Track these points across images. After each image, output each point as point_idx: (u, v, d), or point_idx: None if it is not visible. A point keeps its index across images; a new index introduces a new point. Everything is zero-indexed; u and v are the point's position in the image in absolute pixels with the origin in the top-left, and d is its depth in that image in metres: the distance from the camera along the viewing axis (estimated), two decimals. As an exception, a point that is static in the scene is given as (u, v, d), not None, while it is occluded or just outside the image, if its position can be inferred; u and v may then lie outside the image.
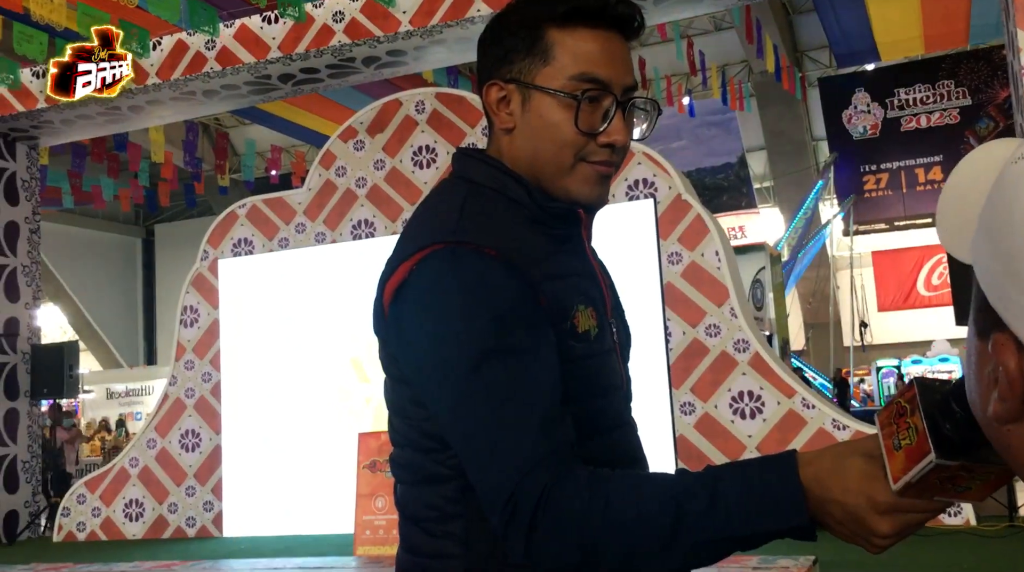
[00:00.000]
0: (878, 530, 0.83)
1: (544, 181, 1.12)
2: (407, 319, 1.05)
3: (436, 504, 1.08)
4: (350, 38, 7.46)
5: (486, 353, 0.98)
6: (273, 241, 8.10)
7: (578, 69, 1.08)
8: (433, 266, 1.02)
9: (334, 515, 7.10)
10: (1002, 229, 0.45)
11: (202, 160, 15.06)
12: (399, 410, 1.12)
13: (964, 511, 5.92)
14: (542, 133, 1.10)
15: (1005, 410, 0.47)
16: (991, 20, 10.91)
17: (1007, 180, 0.46)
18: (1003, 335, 0.46)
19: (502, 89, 1.12)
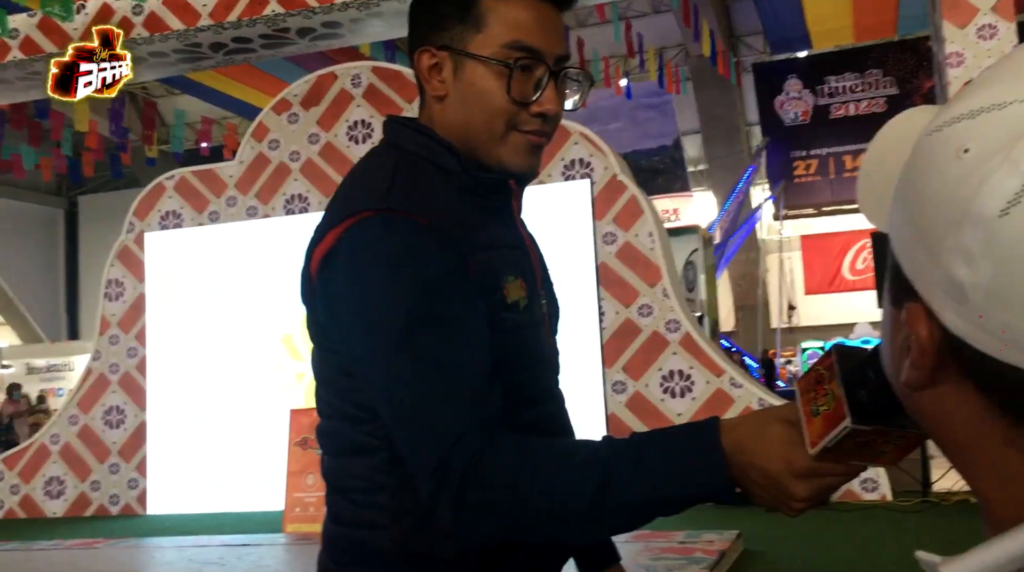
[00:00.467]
0: (796, 493, 0.85)
1: (476, 149, 1.11)
2: (335, 287, 1.04)
3: (364, 475, 1.07)
4: (284, 8, 7.31)
5: (415, 322, 0.97)
6: (203, 214, 7.92)
7: (511, 37, 1.08)
8: (363, 234, 1.01)
9: (263, 493, 7.02)
10: (915, 200, 0.46)
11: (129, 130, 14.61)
12: (327, 380, 1.11)
13: (880, 487, 6.14)
14: (474, 101, 1.09)
15: (917, 377, 0.48)
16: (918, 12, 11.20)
17: (921, 151, 0.47)
18: (915, 304, 0.47)
19: (434, 56, 1.10)
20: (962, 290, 0.44)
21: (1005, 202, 0.41)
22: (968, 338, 0.44)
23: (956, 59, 5.38)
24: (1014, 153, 0.41)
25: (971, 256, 0.43)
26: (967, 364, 0.45)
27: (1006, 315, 0.42)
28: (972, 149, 0.43)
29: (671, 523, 5.56)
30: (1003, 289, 0.42)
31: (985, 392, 0.46)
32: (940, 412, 0.48)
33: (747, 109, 17.92)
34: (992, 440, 0.46)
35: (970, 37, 5.37)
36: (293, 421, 6.27)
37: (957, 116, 0.45)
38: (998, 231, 0.42)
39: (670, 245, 7.20)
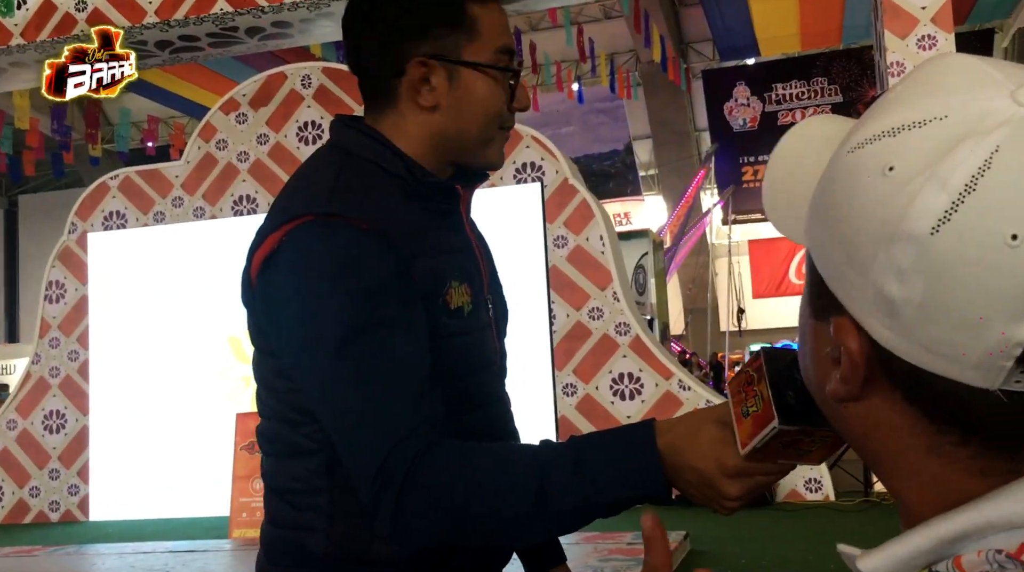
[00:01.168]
0: (728, 493, 0.88)
1: (461, 153, 1.11)
2: (275, 291, 1.03)
3: (302, 477, 1.07)
4: (232, 7, 7.21)
5: (355, 327, 0.97)
6: (148, 215, 7.77)
7: (500, 42, 1.09)
8: (303, 238, 1.00)
9: (209, 498, 6.91)
10: (840, 218, 0.47)
11: (72, 128, 14.29)
12: (266, 382, 1.11)
13: (824, 487, 6.25)
14: (473, 109, 1.08)
15: (847, 390, 0.49)
16: (862, 21, 11.46)
17: (842, 169, 0.47)
18: (843, 318, 0.48)
19: (424, 66, 1.07)
20: (893, 305, 0.45)
21: (936, 220, 0.42)
22: (898, 351, 0.46)
23: (897, 68, 5.51)
24: (940, 171, 0.42)
25: (903, 272, 0.44)
26: (896, 376, 0.47)
27: (936, 328, 0.44)
28: (897, 167, 0.44)
29: (618, 524, 5.60)
30: (934, 304, 0.43)
31: (913, 402, 0.47)
32: (867, 422, 0.50)
33: (697, 115, 18.15)
34: (917, 449, 0.47)
35: (911, 47, 5.51)
36: (239, 425, 6.18)
37: (877, 134, 0.46)
38: (930, 248, 0.43)
39: (621, 249, 7.25)
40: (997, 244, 0.41)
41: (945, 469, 0.47)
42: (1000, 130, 0.42)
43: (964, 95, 0.44)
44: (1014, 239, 0.41)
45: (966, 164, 0.42)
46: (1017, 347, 0.42)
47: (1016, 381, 0.43)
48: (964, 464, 0.46)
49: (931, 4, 5.51)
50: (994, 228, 0.41)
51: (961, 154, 0.42)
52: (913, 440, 0.47)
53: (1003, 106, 0.43)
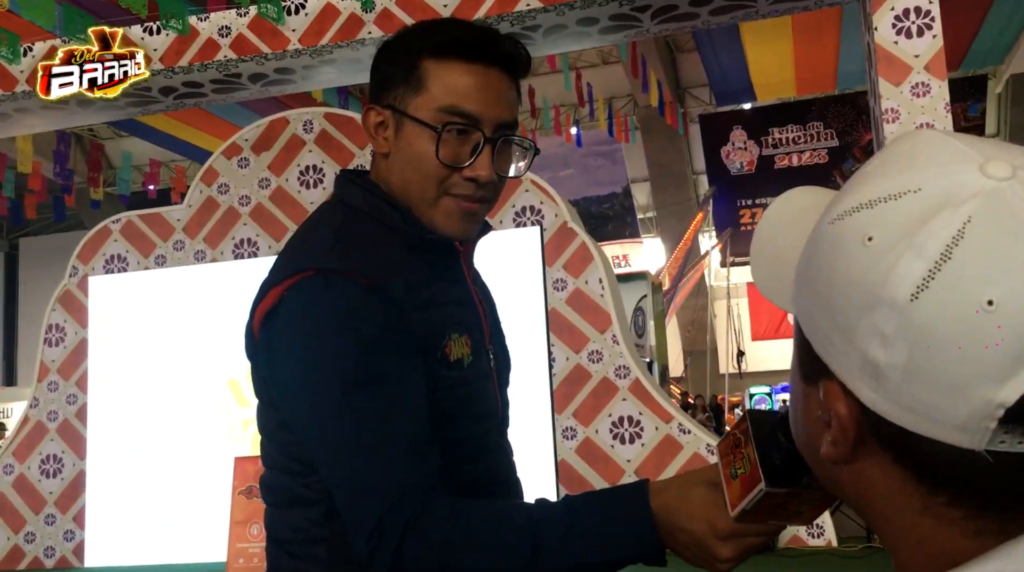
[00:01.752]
0: (720, 555, 0.89)
1: (413, 209, 1.13)
2: (276, 345, 1.05)
3: (301, 527, 1.08)
4: (236, 54, 7.31)
5: (354, 382, 0.99)
6: (149, 258, 7.80)
7: (447, 102, 1.09)
8: (303, 293, 1.02)
9: (206, 543, 6.84)
10: (824, 286, 0.49)
11: (74, 172, 14.39)
12: (268, 432, 1.13)
13: (826, 533, 6.20)
14: (411, 162, 1.11)
15: (838, 453, 0.50)
16: (857, 68, 11.61)
17: (824, 239, 0.49)
18: (831, 383, 0.49)
19: (379, 114, 1.14)
20: (878, 369, 0.46)
21: (915, 287, 0.44)
22: (885, 414, 0.47)
23: (892, 115, 5.59)
24: (917, 240, 0.44)
25: (886, 338, 0.45)
26: (885, 438, 0.48)
27: (921, 391, 0.45)
28: (875, 237, 0.46)
29: None
30: (918, 368, 0.45)
31: (902, 464, 0.48)
32: (859, 484, 0.51)
33: (694, 158, 18.29)
34: (910, 509, 0.48)
35: (904, 94, 5.59)
36: (238, 469, 6.14)
37: (856, 206, 0.48)
38: (910, 314, 0.44)
39: (620, 291, 7.27)
40: (974, 309, 0.43)
41: (939, 529, 0.47)
42: (972, 201, 0.44)
43: (936, 169, 0.46)
44: (990, 305, 0.42)
45: (941, 234, 0.44)
46: (999, 409, 0.43)
47: (1001, 441, 0.44)
48: (958, 524, 0.47)
49: (924, 52, 5.60)
50: (970, 294, 0.43)
51: (936, 224, 0.44)
52: (905, 501, 0.48)
53: (973, 179, 0.45)
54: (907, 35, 5.61)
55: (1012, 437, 0.44)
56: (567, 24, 6.88)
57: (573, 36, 7.17)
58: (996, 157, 0.46)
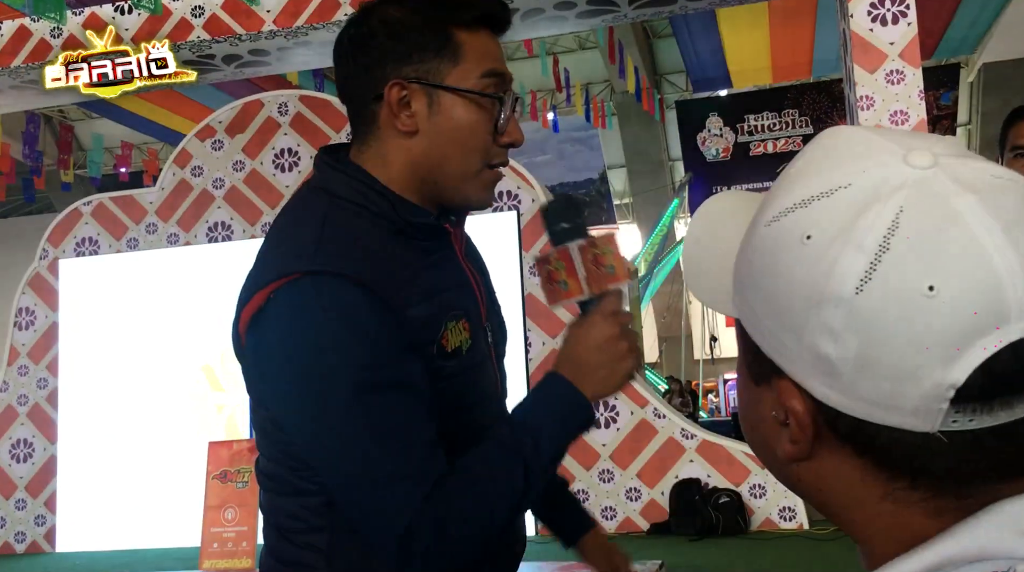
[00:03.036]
0: (609, 332, 1.05)
1: (444, 187, 1.09)
2: (266, 350, 1.02)
3: (301, 515, 1.07)
4: (210, 34, 7.22)
5: (356, 386, 0.97)
6: (121, 241, 7.71)
7: (487, 66, 1.07)
8: (293, 297, 0.98)
9: (180, 528, 6.80)
10: (769, 287, 0.50)
11: (43, 153, 14.17)
12: (262, 429, 1.10)
13: (798, 515, 6.28)
14: (452, 136, 1.06)
15: (798, 450, 0.51)
16: (832, 55, 11.68)
17: (762, 243, 0.50)
18: (784, 381, 0.50)
19: (404, 89, 1.06)
20: (831, 364, 0.47)
21: (858, 280, 0.45)
22: (841, 407, 0.48)
23: (867, 102, 5.62)
24: (854, 235, 0.46)
25: (835, 333, 0.46)
26: (842, 431, 0.49)
27: (874, 382, 0.46)
28: (813, 235, 0.47)
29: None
30: (868, 359, 0.46)
31: (862, 454, 0.49)
32: (820, 479, 0.52)
33: (670, 145, 18.33)
34: (871, 498, 0.50)
35: (879, 81, 5.62)
36: (212, 454, 6.10)
37: (790, 207, 0.49)
38: (857, 307, 0.46)
39: (595, 277, 7.28)
40: (916, 296, 0.44)
41: (900, 514, 0.49)
42: (900, 192, 0.46)
43: (862, 163, 0.48)
44: (931, 290, 0.44)
45: (877, 226, 0.45)
46: (950, 389, 0.45)
47: (953, 421, 0.45)
48: (917, 507, 0.48)
49: (899, 40, 5.63)
50: (911, 282, 0.44)
51: (870, 218, 0.46)
52: (866, 490, 0.50)
53: (899, 170, 0.47)
54: (882, 23, 5.65)
55: (963, 416, 0.45)
56: (544, 8, 6.86)
57: (550, 20, 7.14)
58: (917, 147, 0.48)
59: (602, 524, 6.55)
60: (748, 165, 17.00)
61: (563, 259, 1.05)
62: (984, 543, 0.45)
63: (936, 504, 0.48)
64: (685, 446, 6.51)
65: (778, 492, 6.29)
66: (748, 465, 6.41)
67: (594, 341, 1.05)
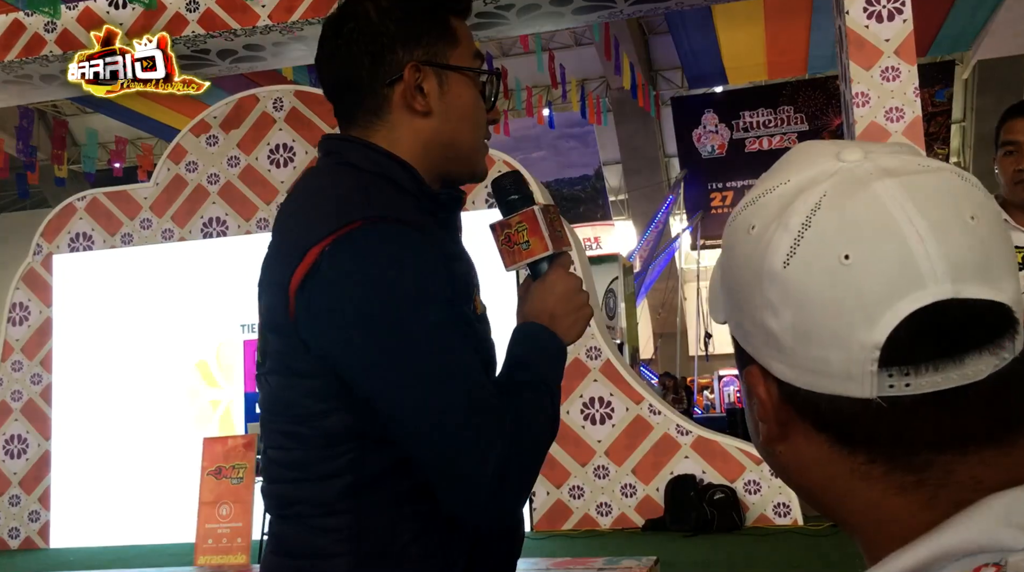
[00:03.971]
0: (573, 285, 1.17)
1: (453, 162, 1.16)
2: (331, 305, 1.00)
3: (326, 500, 1.05)
4: (205, 29, 7.20)
5: (436, 325, 1.00)
6: (115, 237, 7.69)
7: (474, 49, 1.17)
8: (356, 244, 0.99)
9: (174, 524, 6.80)
10: (728, 278, 0.56)
11: (37, 148, 14.12)
12: (290, 407, 1.07)
13: (792, 511, 6.29)
14: (464, 112, 1.15)
15: (768, 431, 0.55)
16: (827, 52, 11.68)
17: (726, 242, 0.57)
18: (752, 367, 0.55)
19: (420, 70, 1.11)
20: (776, 338, 0.52)
21: (785, 255, 0.50)
22: (791, 380, 0.52)
23: (862, 99, 5.63)
24: (782, 219, 0.51)
25: (774, 306, 0.51)
26: (799, 406, 0.52)
27: (811, 349, 0.50)
28: (756, 225, 0.53)
29: (592, 550, 5.59)
30: (803, 328, 0.50)
31: (821, 429, 0.52)
32: (796, 461, 0.55)
33: (666, 141, 18.34)
34: (842, 476, 0.52)
35: (875, 78, 5.63)
36: (206, 450, 6.10)
37: (743, 206, 0.56)
38: (786, 279, 0.50)
39: (591, 273, 7.29)
40: (833, 265, 0.49)
41: (869, 491, 0.51)
42: (828, 181, 0.52)
43: (803, 164, 0.54)
44: (847, 258, 0.48)
45: (801, 208, 0.51)
46: (874, 350, 0.48)
47: (890, 386, 0.48)
48: (881, 482, 0.50)
49: (894, 36, 5.64)
50: (829, 253, 0.49)
51: (798, 202, 0.51)
52: (834, 468, 0.52)
53: (830, 165, 0.53)
54: (878, 19, 5.65)
55: (896, 380, 0.48)
56: (540, 4, 6.85)
57: (547, 16, 7.13)
58: (852, 147, 0.54)
59: (598, 521, 6.57)
60: (744, 161, 17.02)
61: (526, 221, 1.16)
62: (976, 536, 0.46)
63: (899, 480, 0.49)
64: (680, 442, 6.51)
65: (773, 488, 6.31)
66: (743, 461, 6.42)
67: (561, 292, 1.15)
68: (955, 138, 17.08)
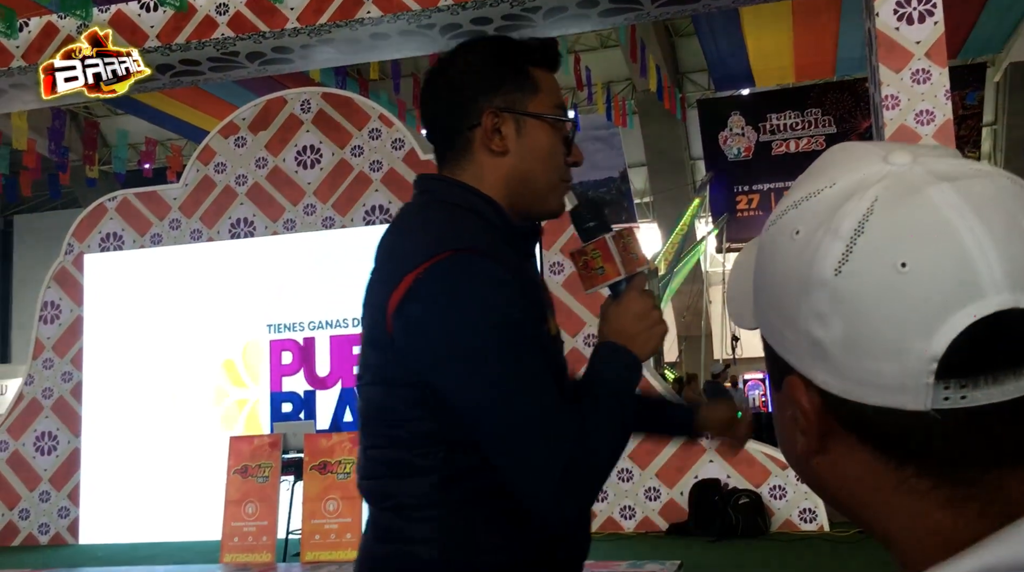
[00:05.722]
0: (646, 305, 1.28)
1: (531, 198, 1.32)
2: (420, 324, 1.16)
3: (417, 493, 1.20)
4: (234, 32, 7.27)
5: (512, 343, 1.14)
6: (145, 237, 7.78)
7: (557, 100, 1.33)
8: (445, 272, 1.15)
9: (201, 522, 6.86)
10: (769, 283, 0.54)
11: (69, 149, 14.32)
12: (387, 413, 1.23)
13: (818, 517, 6.24)
14: (538, 154, 1.30)
15: (808, 444, 0.53)
16: (856, 54, 11.58)
17: (765, 246, 0.55)
18: (793, 377, 0.53)
19: (496, 116, 1.28)
20: (823, 348, 0.50)
21: (836, 263, 0.48)
22: (838, 391, 0.50)
23: (892, 101, 5.57)
24: (832, 224, 0.49)
25: (823, 316, 0.49)
26: (844, 418, 0.50)
27: (862, 361, 0.48)
28: (801, 230, 0.51)
29: (615, 553, 5.57)
30: (854, 338, 0.48)
31: (867, 441, 0.50)
32: (836, 474, 0.53)
33: (692, 144, 18.25)
34: (885, 489, 0.50)
35: (905, 81, 5.57)
36: (233, 449, 6.15)
37: (785, 209, 0.53)
38: (837, 288, 0.48)
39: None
40: (890, 273, 0.47)
41: (915, 505, 0.49)
42: (878, 184, 0.50)
43: (848, 166, 0.52)
44: (903, 266, 0.46)
45: (853, 214, 0.49)
46: (932, 362, 0.46)
47: (945, 398, 0.46)
48: (930, 496, 0.49)
49: (925, 38, 5.58)
50: (885, 260, 0.47)
51: (848, 207, 0.49)
52: (878, 481, 0.50)
53: (878, 168, 0.51)
54: (908, 21, 5.59)
55: (953, 392, 0.46)
56: (567, 6, 6.84)
57: (573, 18, 7.12)
58: (899, 149, 0.52)
59: (622, 524, 6.55)
60: (770, 164, 16.90)
61: (600, 249, 1.28)
62: (1021, 553, 0.44)
63: (948, 493, 0.48)
64: (705, 446, 6.48)
65: (799, 494, 6.26)
66: (768, 466, 6.38)
67: (635, 313, 1.27)
68: (986, 141, 16.86)
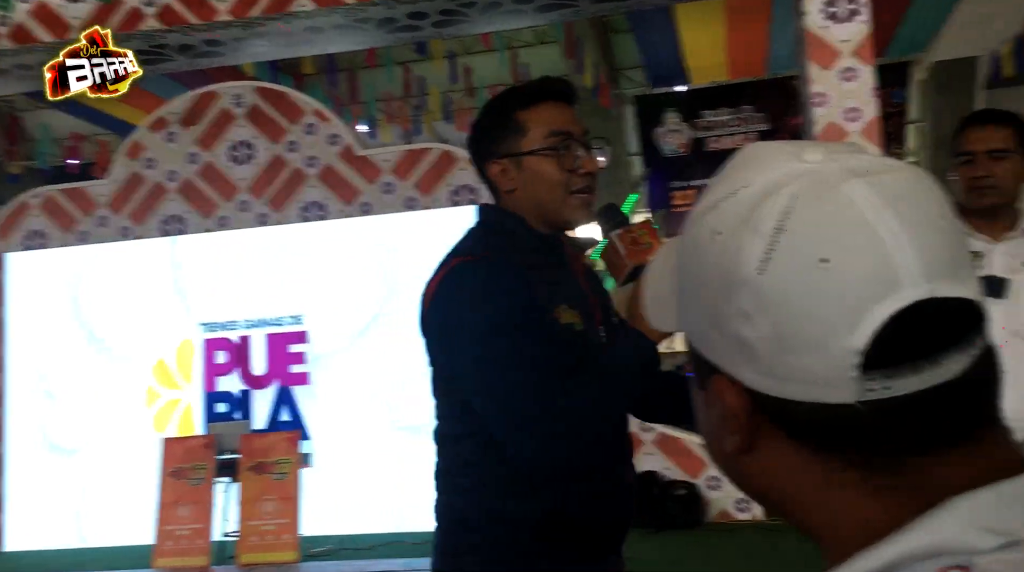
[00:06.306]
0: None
1: (549, 215, 1.61)
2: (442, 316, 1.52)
3: (463, 454, 1.56)
4: (163, 24, 7.09)
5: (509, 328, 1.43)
6: (71, 234, 7.55)
7: (549, 128, 1.58)
8: (464, 271, 1.51)
9: (132, 526, 6.69)
10: (693, 285, 0.54)
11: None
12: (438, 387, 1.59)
13: (753, 506, 6.36)
14: (538, 182, 1.59)
15: (738, 442, 0.53)
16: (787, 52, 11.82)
17: (686, 249, 0.55)
18: (719, 377, 0.53)
19: (499, 164, 1.61)
20: (750, 347, 0.50)
21: (758, 261, 0.49)
22: (767, 389, 0.50)
23: (820, 99, 5.70)
24: (752, 222, 0.50)
25: (748, 315, 0.49)
26: (773, 415, 0.51)
27: (789, 357, 0.49)
28: (722, 230, 0.51)
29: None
30: (781, 335, 0.48)
31: (794, 437, 0.51)
32: (764, 472, 0.53)
33: (628, 140, 18.42)
34: (814, 484, 0.51)
35: (833, 79, 5.70)
36: (167, 450, 6.01)
37: (704, 211, 0.54)
38: (761, 287, 0.49)
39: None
40: (811, 269, 0.47)
41: (843, 497, 0.50)
42: (795, 182, 0.50)
43: (762, 166, 0.53)
44: (824, 262, 0.47)
45: (772, 212, 0.49)
46: (855, 355, 0.47)
47: (870, 390, 0.47)
48: (856, 488, 0.49)
49: (852, 37, 5.72)
50: (806, 257, 0.48)
51: (767, 205, 0.50)
52: (807, 476, 0.51)
53: (793, 166, 0.52)
54: (836, 20, 5.72)
55: (877, 383, 0.47)
56: (502, 2, 6.84)
57: (509, 14, 7.12)
58: (811, 148, 0.53)
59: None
60: (705, 160, 17.13)
61: (645, 228, 1.61)
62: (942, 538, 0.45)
63: (875, 484, 0.49)
64: (643, 439, 6.55)
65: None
66: (704, 457, 6.48)
67: None
68: (913, 138, 17.38)
